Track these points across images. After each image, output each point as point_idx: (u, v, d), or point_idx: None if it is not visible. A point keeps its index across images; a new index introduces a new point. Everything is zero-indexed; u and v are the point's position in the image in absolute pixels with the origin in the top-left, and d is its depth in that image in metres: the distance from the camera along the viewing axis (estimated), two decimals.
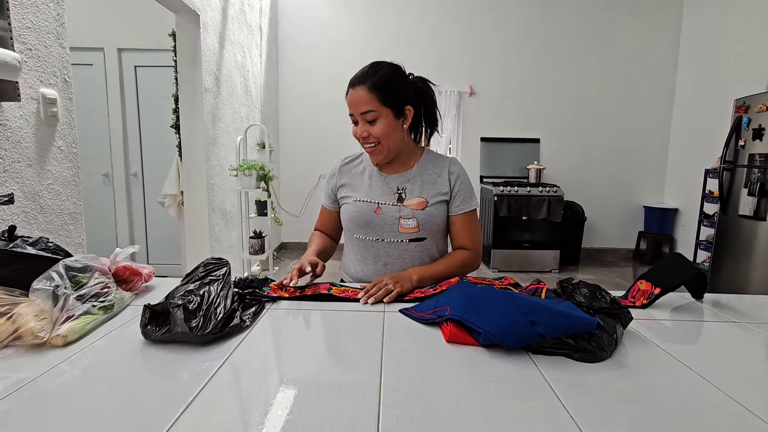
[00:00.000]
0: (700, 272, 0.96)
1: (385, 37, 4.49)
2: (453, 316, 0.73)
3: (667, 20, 4.47)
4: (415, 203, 1.12)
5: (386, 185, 1.15)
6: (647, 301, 0.92)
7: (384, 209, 1.12)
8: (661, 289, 0.92)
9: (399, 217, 1.11)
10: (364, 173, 1.19)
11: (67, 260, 0.79)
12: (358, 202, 1.15)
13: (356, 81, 1.07)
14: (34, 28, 1.42)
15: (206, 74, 2.79)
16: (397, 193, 1.14)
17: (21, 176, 1.40)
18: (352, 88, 1.07)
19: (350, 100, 1.07)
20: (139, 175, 3.75)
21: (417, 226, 1.11)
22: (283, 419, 0.51)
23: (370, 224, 1.13)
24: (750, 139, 3.00)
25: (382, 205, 1.13)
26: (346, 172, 1.22)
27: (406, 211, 1.11)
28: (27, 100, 1.41)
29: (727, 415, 0.54)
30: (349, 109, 1.08)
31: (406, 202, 1.12)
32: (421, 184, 1.14)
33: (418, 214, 1.11)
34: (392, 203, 1.13)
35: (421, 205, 1.12)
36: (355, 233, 1.16)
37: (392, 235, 1.12)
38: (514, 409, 0.53)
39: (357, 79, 1.07)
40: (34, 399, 0.55)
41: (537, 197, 4.00)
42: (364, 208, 1.14)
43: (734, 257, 3.14)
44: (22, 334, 0.67)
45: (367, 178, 1.18)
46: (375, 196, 1.14)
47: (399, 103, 1.07)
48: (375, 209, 1.13)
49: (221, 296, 0.78)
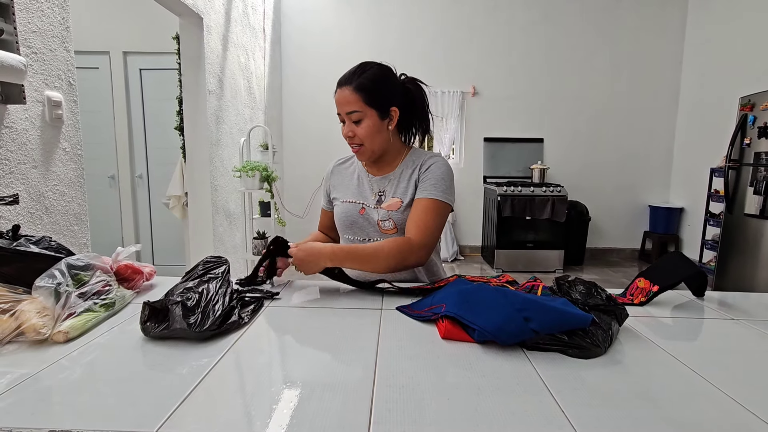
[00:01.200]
0: (699, 270, 0.96)
1: (388, 38, 4.50)
2: (448, 313, 0.74)
3: (672, 19, 4.45)
4: (390, 204, 1.11)
5: (370, 186, 1.16)
6: (645, 298, 0.91)
7: (367, 210, 1.14)
8: (659, 286, 0.92)
9: (377, 220, 1.12)
10: (354, 174, 1.21)
11: (69, 259, 0.80)
12: (346, 203, 1.17)
13: (343, 81, 1.07)
14: (39, 32, 1.45)
15: (210, 76, 2.82)
16: (378, 195, 1.14)
17: (26, 177, 1.42)
18: (339, 87, 1.08)
19: (337, 99, 1.08)
20: (144, 177, 3.79)
21: (394, 227, 1.11)
22: (276, 412, 0.51)
23: (356, 224, 1.14)
24: (755, 138, 2.97)
25: (366, 206, 1.14)
26: (338, 173, 1.24)
27: (383, 213, 1.11)
28: (32, 103, 1.43)
29: (721, 412, 0.54)
30: (336, 108, 1.09)
31: (383, 204, 1.12)
32: (398, 184, 1.13)
33: (393, 215, 1.10)
34: (374, 205, 1.14)
35: (395, 206, 1.11)
36: (344, 233, 1.18)
37: (377, 235, 1.13)
38: (506, 404, 0.54)
39: (344, 79, 1.07)
40: (36, 393, 0.56)
41: (541, 197, 3.99)
42: (350, 208, 1.15)
43: (740, 256, 3.11)
44: (24, 331, 0.68)
45: (356, 179, 1.19)
46: (360, 197, 1.16)
47: (384, 104, 1.07)
48: (359, 210, 1.14)
49: (220, 294, 0.79)
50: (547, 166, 4.37)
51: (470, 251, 4.81)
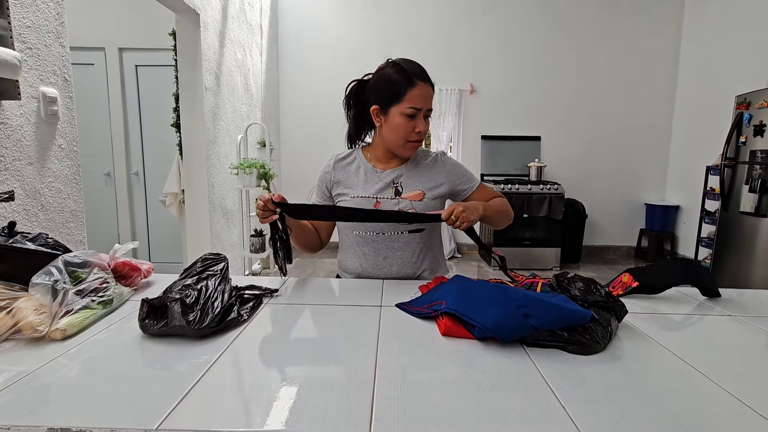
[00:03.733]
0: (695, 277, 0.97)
1: (385, 34, 4.49)
2: (448, 310, 0.74)
3: (669, 17, 4.45)
4: (412, 195, 1.14)
5: (381, 180, 1.16)
6: (623, 291, 0.95)
7: (383, 203, 1.13)
8: (639, 283, 0.94)
9: (398, 209, 1.12)
10: (359, 170, 1.19)
11: (66, 256, 0.80)
12: (357, 198, 1.15)
13: (425, 76, 1.08)
14: (34, 27, 1.44)
15: (206, 73, 2.80)
16: (394, 186, 1.15)
17: (22, 174, 1.41)
18: (422, 81, 1.07)
19: (422, 94, 1.07)
20: (140, 174, 3.76)
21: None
22: (277, 408, 0.51)
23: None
24: (751, 136, 2.99)
25: (381, 199, 1.14)
26: (340, 168, 1.21)
27: (405, 203, 1.13)
28: (27, 99, 1.42)
29: (720, 407, 0.54)
30: (416, 102, 1.06)
31: (403, 195, 1.14)
32: (417, 177, 1.16)
33: (416, 205, 1.13)
34: (390, 197, 1.14)
35: (418, 196, 1.14)
36: (354, 229, 1.16)
37: (392, 227, 1.13)
38: (506, 400, 0.54)
39: (424, 74, 1.08)
40: (34, 391, 0.55)
41: (538, 195, 4.00)
42: (363, 203, 1.14)
43: (735, 254, 3.13)
44: (21, 328, 0.68)
45: (362, 174, 1.18)
46: (372, 192, 1.15)
47: None
48: (374, 204, 1.14)
49: (219, 291, 0.78)
50: (544, 164, 4.38)
51: (468, 249, 4.82)
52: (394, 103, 1.07)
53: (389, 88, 1.08)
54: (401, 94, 1.06)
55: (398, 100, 1.07)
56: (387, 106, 1.09)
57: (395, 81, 1.07)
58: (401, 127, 1.08)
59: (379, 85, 1.10)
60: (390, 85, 1.07)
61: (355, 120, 1.21)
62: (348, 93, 1.18)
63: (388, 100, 1.08)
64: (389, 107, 1.09)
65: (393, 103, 1.08)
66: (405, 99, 1.06)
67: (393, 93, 1.07)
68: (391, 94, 1.07)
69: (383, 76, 1.10)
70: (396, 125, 1.09)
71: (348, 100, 1.19)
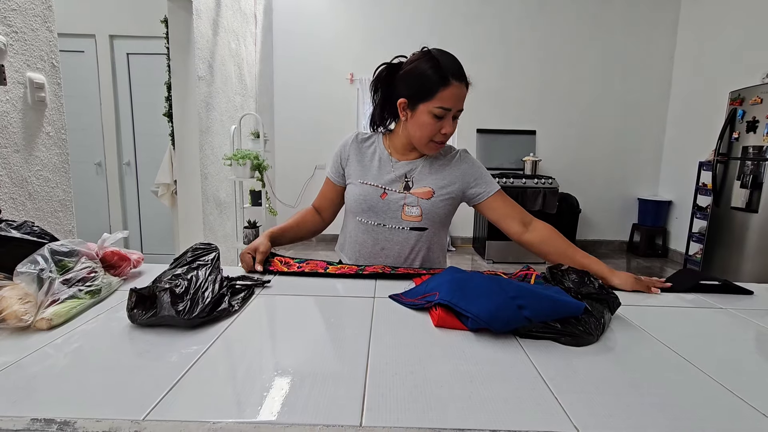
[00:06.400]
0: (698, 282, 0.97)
1: (381, 27, 4.44)
2: (442, 301, 0.73)
3: (665, 14, 4.45)
4: (421, 192, 1.10)
5: (393, 171, 1.12)
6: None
7: (390, 195, 1.11)
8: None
9: (403, 204, 1.10)
10: (375, 155, 1.16)
11: (52, 244, 0.78)
12: (365, 184, 1.12)
13: (461, 75, 0.99)
14: (20, 11, 1.40)
15: (199, 62, 2.75)
16: (405, 180, 1.11)
17: (8, 162, 1.38)
18: (457, 81, 0.98)
19: (454, 94, 0.99)
20: (132, 164, 3.71)
21: (420, 215, 1.10)
22: (267, 398, 0.50)
23: (374, 209, 1.11)
24: (744, 132, 3.01)
25: (389, 190, 1.11)
26: (358, 149, 1.16)
27: (411, 199, 1.10)
28: (13, 84, 1.39)
29: (711, 398, 0.54)
30: (447, 103, 0.99)
31: (412, 190, 1.10)
32: (429, 173, 1.12)
33: (423, 203, 1.09)
34: (398, 190, 1.11)
35: (427, 194, 1.10)
36: (357, 215, 1.14)
37: (395, 221, 1.11)
38: (499, 391, 0.53)
39: (461, 72, 1.00)
40: (18, 381, 0.54)
41: (532, 189, 4.01)
42: (369, 191, 1.11)
43: (726, 249, 3.17)
44: (5, 317, 0.66)
45: (377, 161, 1.15)
46: (382, 181, 1.12)
47: None
48: (381, 194, 1.11)
49: (209, 281, 0.77)
50: (539, 158, 4.39)
51: (462, 242, 4.83)
52: (424, 100, 1.00)
53: (420, 84, 1.00)
54: (433, 92, 0.98)
55: (428, 98, 0.99)
56: (415, 101, 1.02)
57: (428, 77, 0.98)
58: (427, 126, 1.02)
59: (410, 78, 1.02)
60: (422, 81, 0.99)
61: (381, 106, 1.13)
62: (376, 76, 1.11)
63: (417, 95, 1.01)
64: (417, 103, 1.01)
65: (422, 100, 1.00)
66: (436, 98, 0.98)
67: (424, 89, 0.99)
68: (422, 91, 1.00)
69: (416, 69, 1.01)
70: (422, 123, 1.02)
71: (375, 83, 1.12)
